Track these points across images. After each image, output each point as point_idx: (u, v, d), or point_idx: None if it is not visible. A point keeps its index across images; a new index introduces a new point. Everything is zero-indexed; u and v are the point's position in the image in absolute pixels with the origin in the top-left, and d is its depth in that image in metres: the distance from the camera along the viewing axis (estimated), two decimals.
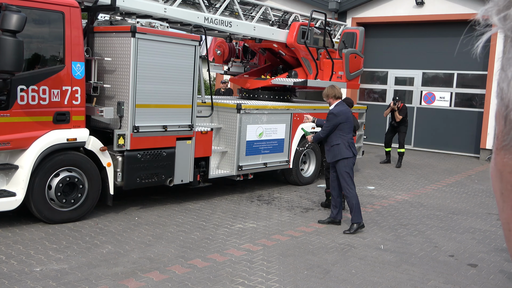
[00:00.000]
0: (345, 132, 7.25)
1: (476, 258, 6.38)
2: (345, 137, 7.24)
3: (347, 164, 7.21)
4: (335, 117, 7.19)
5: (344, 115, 7.23)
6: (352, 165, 7.30)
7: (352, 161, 7.28)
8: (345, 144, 7.19)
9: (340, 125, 7.20)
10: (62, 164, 6.66)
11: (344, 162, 7.21)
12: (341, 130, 7.23)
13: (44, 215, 6.55)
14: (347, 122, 7.26)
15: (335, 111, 7.24)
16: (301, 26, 10.16)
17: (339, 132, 7.21)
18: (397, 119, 13.28)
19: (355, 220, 7.15)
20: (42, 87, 6.43)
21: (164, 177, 7.68)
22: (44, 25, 6.58)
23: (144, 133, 7.30)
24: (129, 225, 6.90)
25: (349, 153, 7.20)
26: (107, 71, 7.27)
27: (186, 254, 5.89)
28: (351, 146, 7.28)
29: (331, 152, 7.28)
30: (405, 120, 13.47)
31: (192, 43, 7.72)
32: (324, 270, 5.64)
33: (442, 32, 16.60)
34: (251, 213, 7.89)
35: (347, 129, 7.28)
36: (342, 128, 7.22)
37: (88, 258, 5.56)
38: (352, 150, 7.25)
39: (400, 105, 13.28)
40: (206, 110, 8.73)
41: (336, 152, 7.22)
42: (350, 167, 7.24)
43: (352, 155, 7.25)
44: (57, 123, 6.62)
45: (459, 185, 11.46)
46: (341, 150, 7.18)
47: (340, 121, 7.18)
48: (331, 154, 7.30)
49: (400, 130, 13.46)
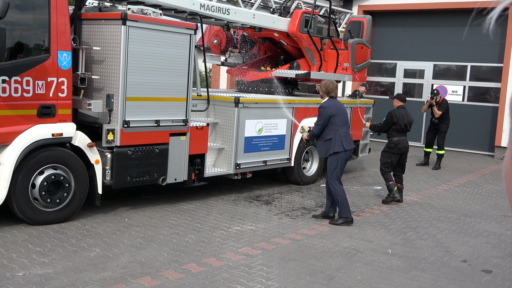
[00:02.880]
0: (338, 125, 7.61)
1: (490, 264, 6.38)
2: (338, 131, 7.58)
3: (336, 158, 7.59)
4: (325, 110, 7.61)
5: (334, 107, 7.63)
6: (341, 160, 7.64)
7: (342, 155, 7.62)
8: (337, 138, 7.56)
9: (331, 118, 7.56)
10: (47, 161, 6.64)
11: (334, 157, 7.60)
12: (333, 124, 7.58)
13: (28, 215, 6.53)
14: (338, 115, 7.62)
15: (324, 104, 7.70)
16: (304, 14, 10.13)
17: (332, 126, 7.59)
18: (436, 115, 12.99)
19: (341, 215, 7.64)
20: (26, 78, 6.39)
21: (157, 176, 7.67)
22: (28, 12, 6.55)
23: (135, 128, 7.27)
24: (119, 227, 6.89)
25: (340, 147, 7.55)
26: (96, 61, 7.24)
27: (179, 258, 5.87)
28: (344, 140, 7.59)
29: (324, 147, 7.70)
30: (446, 116, 13.09)
31: (187, 32, 7.69)
32: (327, 276, 5.63)
33: (454, 21, 16.59)
34: (249, 215, 7.89)
35: (340, 122, 7.62)
36: (334, 121, 7.58)
37: (74, 262, 5.54)
38: (343, 144, 7.56)
39: (439, 99, 13.04)
40: (201, 104, 8.71)
41: (329, 147, 7.62)
42: (339, 161, 7.61)
43: (343, 149, 7.58)
44: (42, 117, 6.59)
45: (472, 185, 11.46)
46: (334, 144, 7.56)
47: (330, 114, 7.56)
48: (324, 149, 7.73)
49: (440, 129, 13.12)
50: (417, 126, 17.13)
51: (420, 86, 17.56)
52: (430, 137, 13.48)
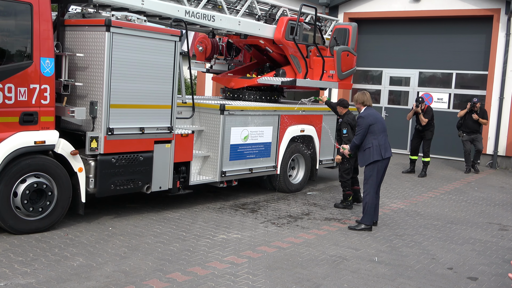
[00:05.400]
0: (376, 133, 7.95)
1: (476, 271, 6.45)
2: (376, 140, 7.93)
3: (374, 167, 7.93)
4: (363, 119, 7.99)
5: (372, 116, 8.01)
6: (379, 168, 7.97)
7: (380, 164, 7.96)
8: (375, 147, 7.90)
9: (370, 127, 7.92)
10: (29, 169, 6.59)
11: (371, 166, 7.94)
12: (372, 132, 7.94)
13: (9, 224, 6.48)
14: (376, 123, 7.97)
15: (363, 114, 8.07)
16: (289, 21, 10.20)
17: (371, 136, 7.95)
18: (422, 122, 13.18)
19: (364, 221, 7.94)
20: (8, 85, 6.36)
21: (141, 184, 7.65)
22: (10, 17, 6.52)
23: (119, 135, 7.26)
24: (102, 235, 6.86)
25: (379, 156, 7.89)
26: (79, 68, 7.22)
27: (164, 267, 5.86)
28: (382, 148, 7.92)
29: (364, 156, 8.02)
30: (431, 123, 13.33)
31: (171, 39, 7.71)
32: (314, 284, 5.66)
33: (440, 29, 16.81)
34: (235, 223, 7.89)
35: (378, 131, 7.96)
36: (372, 130, 7.94)
37: (57, 272, 5.51)
38: (381, 153, 7.90)
39: (424, 106, 13.27)
40: (186, 111, 8.71)
41: (368, 156, 7.95)
42: (375, 170, 7.93)
43: (381, 158, 7.90)
44: (24, 124, 6.55)
45: (458, 192, 11.58)
46: (372, 153, 7.91)
47: (369, 123, 7.92)
48: (363, 158, 8.05)
49: (426, 137, 13.35)
50: (403, 133, 17.34)
51: (406, 93, 17.73)
52: (415, 144, 13.66)
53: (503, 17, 15.36)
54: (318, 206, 9.38)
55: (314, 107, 10.72)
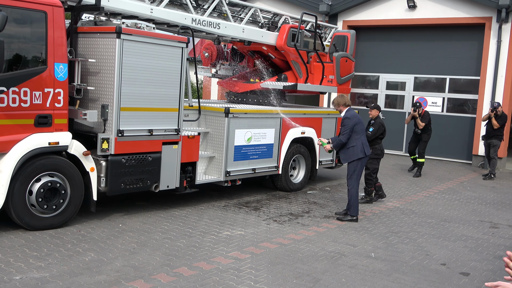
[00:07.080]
0: (359, 133, 8.20)
1: (468, 267, 6.43)
2: (359, 139, 8.19)
3: (357, 163, 8.21)
4: (350, 120, 8.15)
5: (356, 117, 8.24)
6: (362, 164, 8.29)
7: (363, 161, 8.30)
8: (359, 146, 8.16)
9: (354, 127, 8.13)
10: (44, 169, 6.61)
11: (355, 162, 8.20)
12: (356, 132, 8.17)
13: (25, 221, 6.50)
14: (359, 124, 8.23)
15: (348, 115, 8.22)
16: (291, 28, 10.21)
17: (354, 135, 8.16)
18: (420, 126, 13.15)
19: (351, 213, 8.26)
20: (23, 89, 6.38)
21: (150, 183, 7.66)
22: (26, 25, 6.54)
23: (129, 137, 7.27)
24: (113, 232, 6.87)
25: (362, 153, 8.20)
26: (91, 73, 7.24)
27: (171, 262, 5.87)
28: (365, 146, 8.24)
29: (347, 153, 8.24)
30: (428, 127, 13.31)
31: (179, 45, 7.72)
32: (313, 278, 5.66)
33: (434, 36, 16.78)
34: (239, 220, 7.89)
35: (360, 131, 8.24)
36: (356, 130, 8.16)
37: (70, 266, 5.52)
38: (364, 150, 8.22)
39: (421, 111, 13.22)
40: (193, 114, 8.72)
41: (351, 154, 8.19)
42: (358, 166, 8.23)
43: (364, 155, 8.24)
44: (39, 126, 6.57)
45: (451, 192, 11.55)
46: (356, 151, 8.16)
47: (355, 123, 8.13)
48: (346, 156, 8.27)
49: (422, 139, 13.33)
50: (399, 135, 17.31)
51: (402, 97, 17.69)
52: (413, 147, 13.70)
53: (494, 25, 15.32)
54: (318, 204, 9.38)
55: (314, 110, 10.71)
